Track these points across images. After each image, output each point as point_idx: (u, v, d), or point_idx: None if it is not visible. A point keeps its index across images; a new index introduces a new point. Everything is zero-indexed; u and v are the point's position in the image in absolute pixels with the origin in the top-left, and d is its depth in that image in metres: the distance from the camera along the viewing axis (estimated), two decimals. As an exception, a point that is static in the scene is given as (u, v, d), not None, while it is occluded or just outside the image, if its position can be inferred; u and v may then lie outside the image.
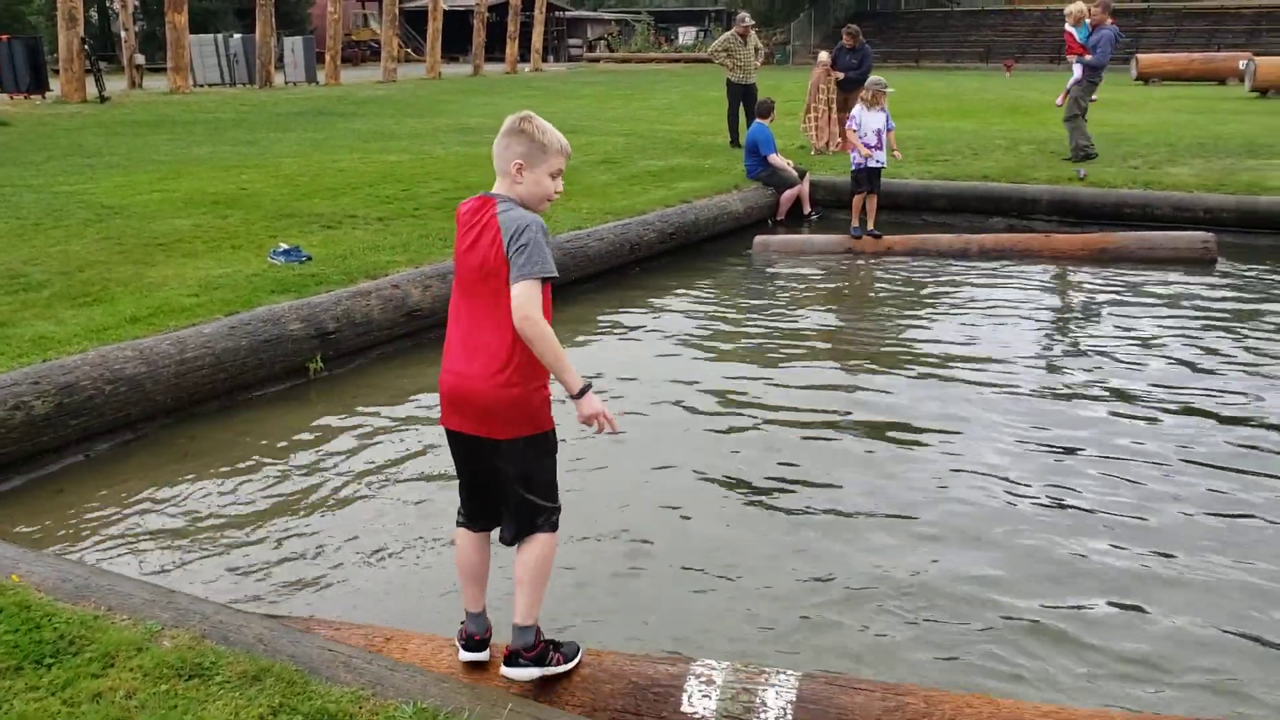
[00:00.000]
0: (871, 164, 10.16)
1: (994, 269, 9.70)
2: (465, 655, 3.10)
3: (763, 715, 2.92)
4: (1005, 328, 7.76)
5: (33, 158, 13.33)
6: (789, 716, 2.90)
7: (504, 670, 3.00)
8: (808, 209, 12.23)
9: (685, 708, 2.96)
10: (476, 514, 3.11)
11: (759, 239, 10.63)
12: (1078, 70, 13.15)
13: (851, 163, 10.29)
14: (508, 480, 2.95)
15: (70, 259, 7.73)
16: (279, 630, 3.03)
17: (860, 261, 10.09)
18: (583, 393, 2.81)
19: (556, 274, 2.83)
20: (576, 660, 3.07)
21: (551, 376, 2.88)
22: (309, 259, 7.81)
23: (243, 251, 8.12)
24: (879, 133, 10.08)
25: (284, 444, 5.58)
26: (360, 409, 6.08)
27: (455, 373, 2.93)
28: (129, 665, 2.83)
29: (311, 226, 9.11)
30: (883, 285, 9.30)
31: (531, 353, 2.81)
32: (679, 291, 8.98)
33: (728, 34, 15.58)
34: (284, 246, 7.97)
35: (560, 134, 2.96)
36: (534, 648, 2.99)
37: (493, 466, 2.96)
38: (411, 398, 6.28)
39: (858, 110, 10.18)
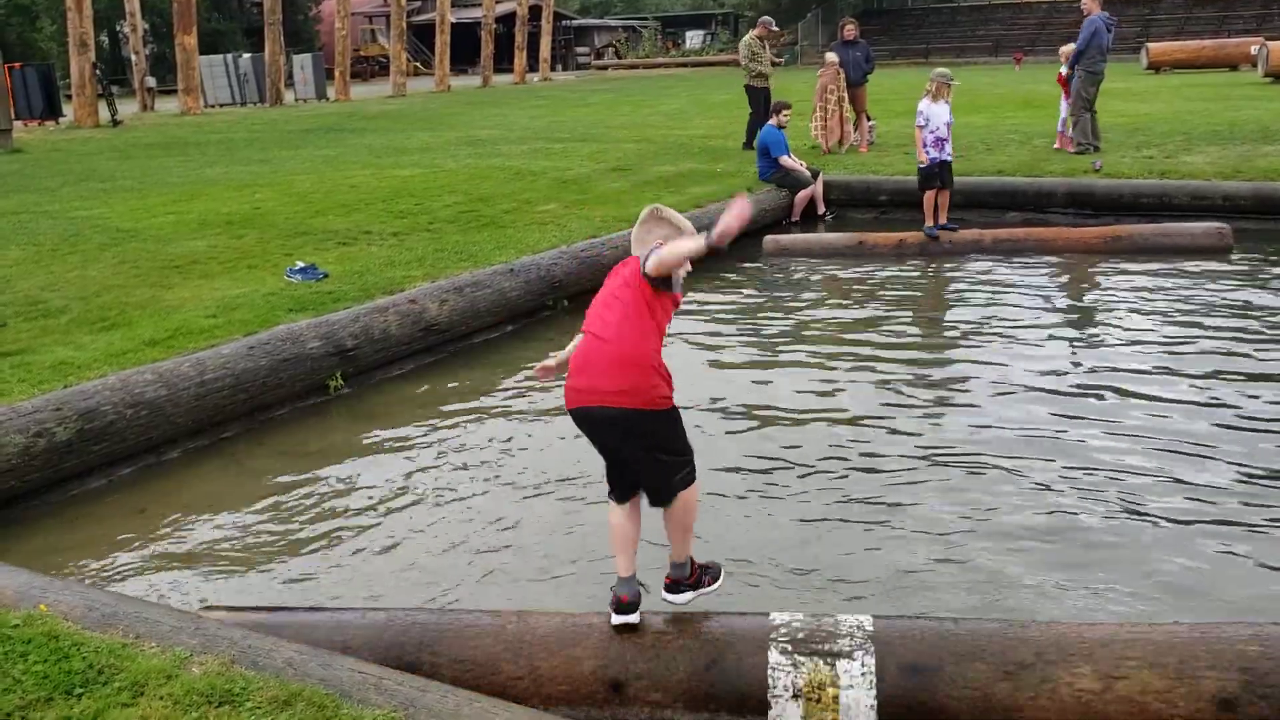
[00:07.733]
0: (944, 157, 9.89)
1: (1008, 263, 9.62)
2: (618, 619, 3.33)
3: (843, 653, 3.14)
4: (1020, 321, 7.69)
5: (48, 183, 13.41)
6: (870, 653, 3.12)
7: (666, 596, 3.45)
8: (822, 209, 12.19)
9: (770, 655, 3.17)
10: (621, 484, 3.40)
11: (770, 238, 10.59)
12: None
13: (923, 159, 9.86)
14: (646, 450, 3.27)
15: (88, 284, 7.76)
16: (308, 653, 3.01)
17: (873, 259, 10.03)
18: (707, 238, 3.06)
19: (679, 293, 3.30)
20: (721, 579, 3.55)
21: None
22: (325, 276, 7.81)
23: (259, 271, 8.13)
24: (948, 125, 9.82)
25: (309, 461, 5.58)
26: (385, 424, 6.07)
27: (586, 388, 3.23)
28: (159, 694, 2.81)
29: (327, 243, 9.12)
30: (897, 282, 9.23)
31: (660, 353, 3.25)
32: (694, 294, 8.94)
33: (750, 37, 15.37)
34: (300, 264, 7.98)
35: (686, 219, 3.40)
36: (690, 575, 3.45)
37: (630, 442, 3.28)
38: (434, 411, 6.26)
39: (924, 104, 9.78)
